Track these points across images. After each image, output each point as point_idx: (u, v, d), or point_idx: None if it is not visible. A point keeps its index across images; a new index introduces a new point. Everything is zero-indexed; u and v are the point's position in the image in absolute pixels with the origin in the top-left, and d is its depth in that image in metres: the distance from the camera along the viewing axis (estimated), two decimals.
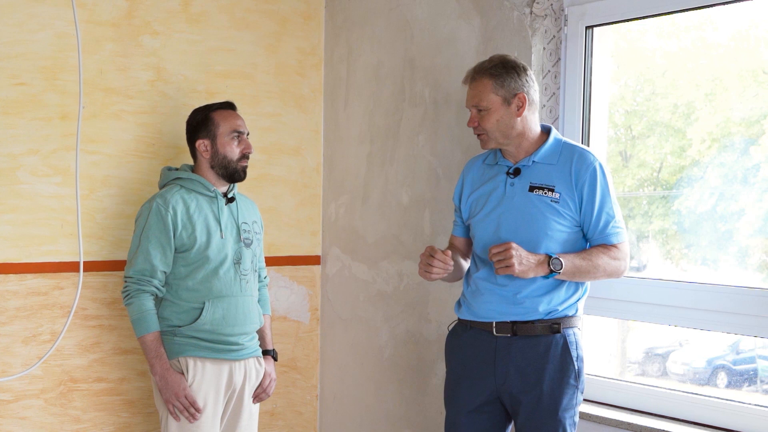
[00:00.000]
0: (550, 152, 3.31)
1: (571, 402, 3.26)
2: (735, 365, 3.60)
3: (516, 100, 3.27)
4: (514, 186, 3.32)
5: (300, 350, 4.74)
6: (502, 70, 3.29)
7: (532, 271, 3.16)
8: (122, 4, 4.08)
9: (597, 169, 3.24)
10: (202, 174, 3.78)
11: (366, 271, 4.55)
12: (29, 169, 3.88)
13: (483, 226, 3.38)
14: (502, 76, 3.28)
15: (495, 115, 3.28)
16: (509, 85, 3.27)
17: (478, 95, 3.30)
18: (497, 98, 3.27)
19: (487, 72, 3.30)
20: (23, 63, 3.85)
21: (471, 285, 3.42)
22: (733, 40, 3.53)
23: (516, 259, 3.12)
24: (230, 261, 3.73)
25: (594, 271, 3.21)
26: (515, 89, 3.28)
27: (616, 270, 3.25)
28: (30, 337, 3.91)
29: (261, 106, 4.53)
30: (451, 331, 3.52)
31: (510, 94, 3.27)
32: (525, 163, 3.31)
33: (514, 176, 3.32)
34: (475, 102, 3.31)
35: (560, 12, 3.78)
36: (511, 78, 3.28)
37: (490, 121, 3.29)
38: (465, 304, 3.43)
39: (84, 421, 4.05)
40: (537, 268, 3.16)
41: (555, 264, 3.15)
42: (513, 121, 3.28)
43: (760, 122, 3.38)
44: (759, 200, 3.38)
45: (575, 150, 3.30)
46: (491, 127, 3.29)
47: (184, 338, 3.65)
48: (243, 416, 3.79)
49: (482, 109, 3.29)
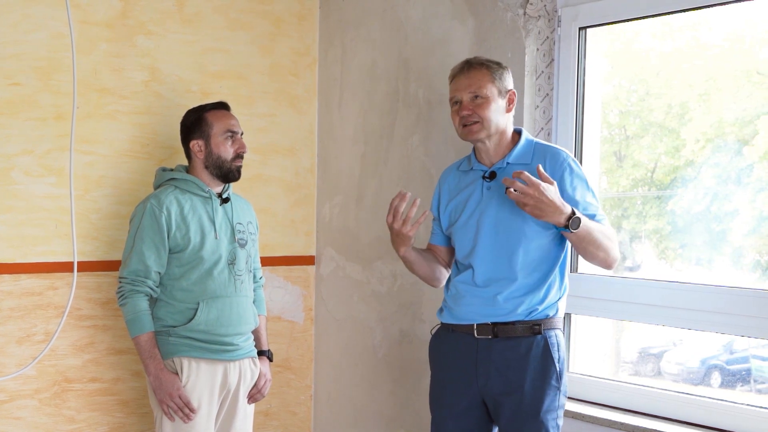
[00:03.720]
0: (523, 153, 3.32)
1: (554, 404, 3.25)
2: (729, 365, 3.61)
3: (508, 96, 3.32)
4: (491, 189, 3.32)
5: (294, 350, 4.74)
6: (497, 66, 3.33)
7: (546, 216, 3.08)
8: (116, 5, 4.08)
9: (570, 164, 3.25)
10: (197, 174, 3.78)
11: (360, 271, 4.56)
12: (24, 169, 3.88)
13: (463, 233, 3.38)
14: (499, 70, 3.32)
15: (493, 105, 3.29)
16: (504, 80, 3.32)
17: (477, 83, 3.30)
18: (495, 89, 3.29)
19: (484, 64, 3.33)
20: (18, 63, 3.85)
21: (451, 289, 3.42)
22: (727, 40, 3.54)
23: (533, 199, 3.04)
24: (224, 261, 3.73)
25: (601, 241, 3.16)
26: (508, 86, 3.33)
27: (614, 253, 3.21)
28: (24, 338, 3.91)
29: (255, 106, 4.53)
30: (434, 335, 3.51)
31: (504, 89, 3.31)
32: (500, 166, 3.32)
33: (490, 180, 3.33)
34: (474, 89, 3.29)
35: (553, 13, 3.78)
36: (506, 74, 3.33)
37: (488, 109, 3.28)
38: (446, 308, 3.43)
39: (78, 422, 4.05)
40: (553, 214, 3.07)
41: (574, 223, 3.08)
42: (501, 116, 3.31)
43: (753, 123, 3.38)
44: (753, 200, 3.38)
45: (547, 150, 3.31)
46: (487, 115, 3.28)
47: (178, 338, 3.65)
48: (238, 416, 3.79)
49: (481, 96, 3.29)
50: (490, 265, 3.30)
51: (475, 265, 3.32)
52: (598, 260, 3.23)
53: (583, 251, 3.23)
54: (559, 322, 3.31)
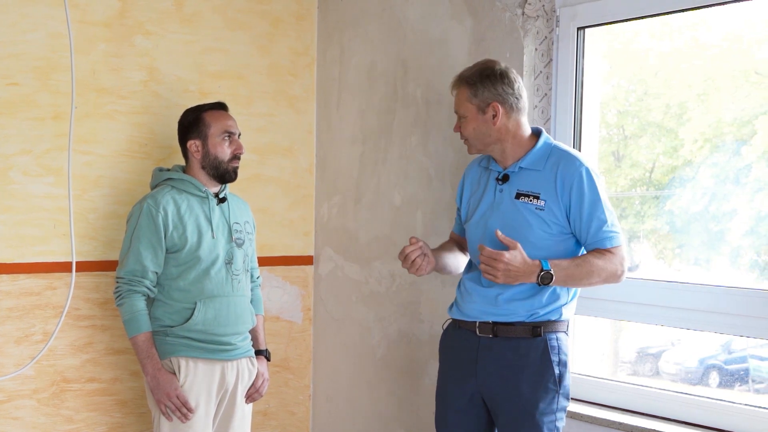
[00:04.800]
0: (536, 158, 3.29)
1: (551, 407, 3.24)
2: (727, 365, 3.61)
3: (490, 109, 3.28)
4: (502, 192, 3.33)
5: (292, 350, 4.74)
6: (477, 79, 3.29)
7: (520, 281, 3.16)
8: (115, 5, 4.07)
9: (583, 174, 3.20)
10: (194, 174, 3.78)
11: (358, 271, 4.56)
12: (22, 169, 3.88)
13: (473, 231, 3.41)
14: (476, 86, 3.29)
15: (472, 123, 3.31)
16: (482, 95, 3.28)
17: (457, 103, 3.36)
18: (472, 107, 3.30)
19: (465, 80, 3.33)
20: (16, 63, 3.84)
21: (461, 286, 3.45)
22: (726, 40, 3.54)
23: (502, 272, 3.12)
24: (221, 261, 3.73)
25: (588, 277, 3.18)
26: (488, 99, 3.28)
27: (613, 274, 3.20)
28: (22, 338, 3.90)
29: (254, 106, 4.53)
30: (445, 330, 3.54)
31: (484, 104, 3.28)
32: (513, 170, 3.32)
33: (502, 182, 3.33)
34: (456, 109, 3.37)
35: (552, 13, 3.78)
36: (485, 88, 3.28)
37: (468, 128, 3.33)
38: (456, 304, 3.46)
39: (77, 422, 4.04)
40: (526, 277, 3.15)
41: (544, 278, 3.13)
42: (489, 129, 3.29)
43: (752, 122, 3.38)
44: (751, 200, 3.38)
45: (562, 155, 3.27)
46: (469, 134, 3.34)
47: (176, 338, 3.65)
48: (236, 416, 3.79)
49: (461, 116, 3.34)
50: None
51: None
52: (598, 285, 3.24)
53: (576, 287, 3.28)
54: (563, 326, 3.29)
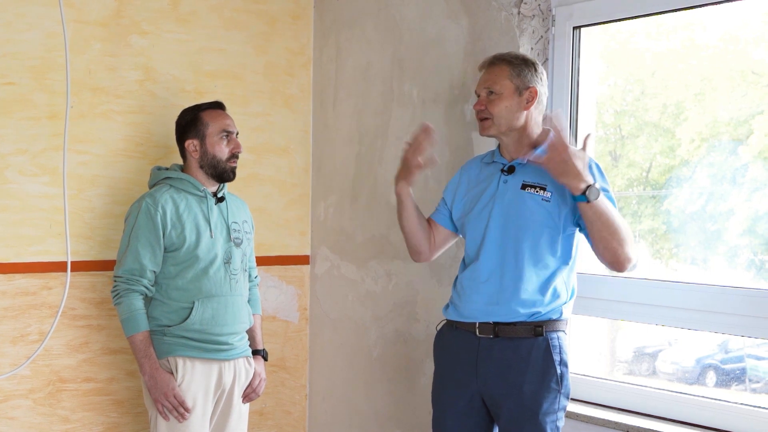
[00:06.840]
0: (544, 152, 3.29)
1: (553, 406, 3.23)
2: (724, 364, 3.61)
3: (527, 93, 3.28)
4: (507, 183, 3.31)
5: (289, 350, 4.73)
6: (521, 62, 3.31)
7: (567, 177, 3.07)
8: (111, 4, 4.07)
9: (592, 164, 3.20)
10: (192, 174, 3.77)
11: (355, 270, 4.55)
12: (17, 168, 3.87)
13: (474, 224, 3.37)
14: (520, 66, 3.29)
15: (506, 101, 3.28)
16: (525, 76, 3.28)
17: (492, 78, 3.31)
18: (511, 85, 3.28)
19: (506, 59, 3.32)
20: (11, 62, 3.84)
21: (458, 286, 3.42)
22: (722, 40, 3.54)
23: (558, 156, 3.06)
24: (220, 260, 3.72)
25: (616, 225, 3.06)
26: (529, 82, 3.29)
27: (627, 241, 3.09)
28: (18, 337, 3.90)
29: (250, 105, 4.52)
30: (439, 331, 3.51)
31: (524, 85, 3.28)
32: (520, 161, 3.31)
33: (508, 174, 3.32)
34: (489, 84, 3.31)
35: (548, 12, 3.78)
36: (529, 71, 3.30)
37: (499, 106, 3.28)
38: (452, 305, 3.43)
39: (73, 421, 4.04)
40: (574, 179, 3.06)
41: (592, 191, 3.04)
42: (519, 112, 3.28)
43: (748, 122, 3.39)
44: (748, 200, 3.39)
45: None
46: (498, 112, 3.29)
47: (173, 338, 3.65)
48: (232, 416, 3.79)
49: (494, 92, 3.29)
50: (496, 258, 3.27)
51: (482, 258, 3.31)
52: (610, 252, 3.11)
53: (597, 236, 3.10)
54: (563, 325, 3.28)
